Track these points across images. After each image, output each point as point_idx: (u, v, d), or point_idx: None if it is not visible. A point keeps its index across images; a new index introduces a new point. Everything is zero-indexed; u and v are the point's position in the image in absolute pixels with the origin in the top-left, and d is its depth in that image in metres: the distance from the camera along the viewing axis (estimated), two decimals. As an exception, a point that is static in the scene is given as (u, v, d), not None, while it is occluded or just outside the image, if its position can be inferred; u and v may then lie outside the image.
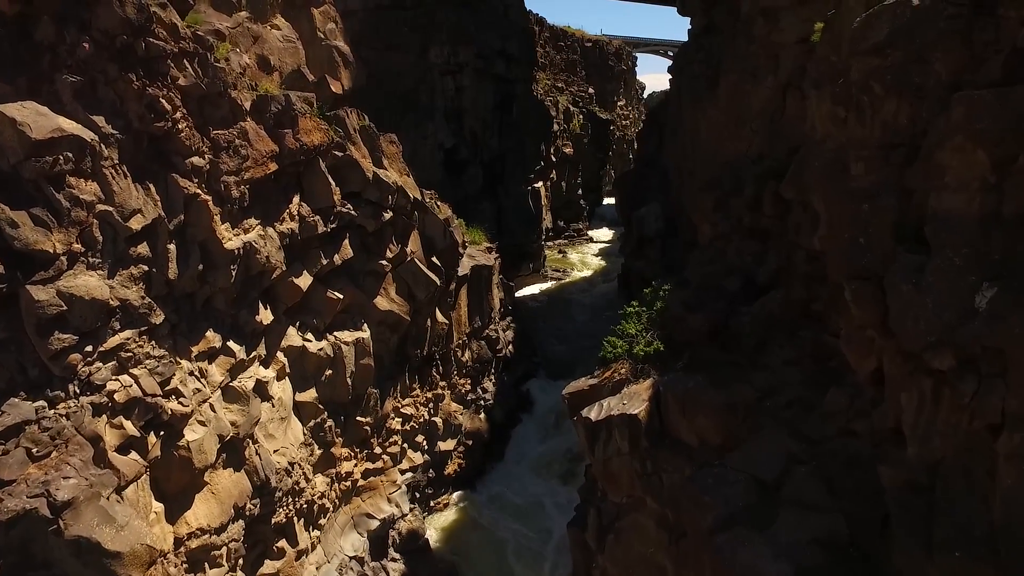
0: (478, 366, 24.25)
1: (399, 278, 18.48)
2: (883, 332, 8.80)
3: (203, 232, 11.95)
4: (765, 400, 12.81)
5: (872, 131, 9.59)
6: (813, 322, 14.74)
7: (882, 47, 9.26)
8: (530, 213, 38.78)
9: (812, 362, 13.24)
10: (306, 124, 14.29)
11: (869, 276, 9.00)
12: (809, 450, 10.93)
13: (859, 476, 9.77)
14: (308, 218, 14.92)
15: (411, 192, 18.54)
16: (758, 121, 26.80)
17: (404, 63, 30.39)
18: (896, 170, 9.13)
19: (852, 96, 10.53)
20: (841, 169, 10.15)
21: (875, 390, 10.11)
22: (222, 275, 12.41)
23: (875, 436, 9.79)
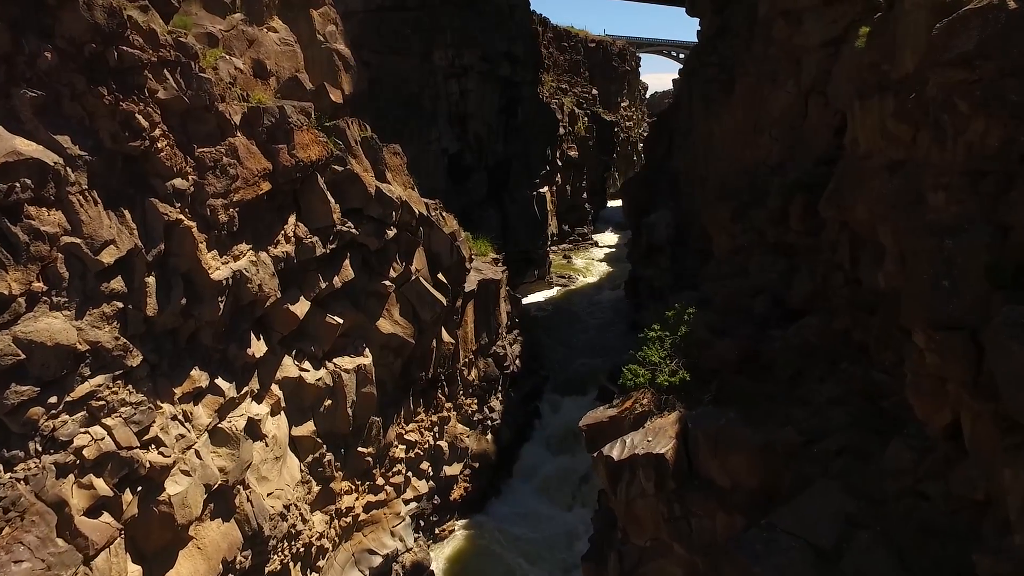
0: (485, 384, 22.90)
1: (403, 299, 17.12)
2: (974, 391, 7.46)
3: (187, 262, 10.57)
4: (811, 445, 11.44)
5: (954, 155, 8.19)
6: (855, 352, 13.39)
7: (970, 58, 7.86)
8: (536, 219, 37.41)
9: (861, 400, 11.88)
10: (303, 137, 12.91)
11: (957, 326, 7.65)
12: (870, 511, 9.57)
13: (936, 550, 8.42)
14: (305, 239, 13.54)
15: (416, 207, 17.15)
16: (777, 128, 25.39)
17: (407, 66, 28.98)
18: (987, 201, 7.74)
19: (927, 113, 9.12)
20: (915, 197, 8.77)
21: (950, 447, 8.79)
22: (208, 308, 11.03)
23: (953, 503, 8.46)
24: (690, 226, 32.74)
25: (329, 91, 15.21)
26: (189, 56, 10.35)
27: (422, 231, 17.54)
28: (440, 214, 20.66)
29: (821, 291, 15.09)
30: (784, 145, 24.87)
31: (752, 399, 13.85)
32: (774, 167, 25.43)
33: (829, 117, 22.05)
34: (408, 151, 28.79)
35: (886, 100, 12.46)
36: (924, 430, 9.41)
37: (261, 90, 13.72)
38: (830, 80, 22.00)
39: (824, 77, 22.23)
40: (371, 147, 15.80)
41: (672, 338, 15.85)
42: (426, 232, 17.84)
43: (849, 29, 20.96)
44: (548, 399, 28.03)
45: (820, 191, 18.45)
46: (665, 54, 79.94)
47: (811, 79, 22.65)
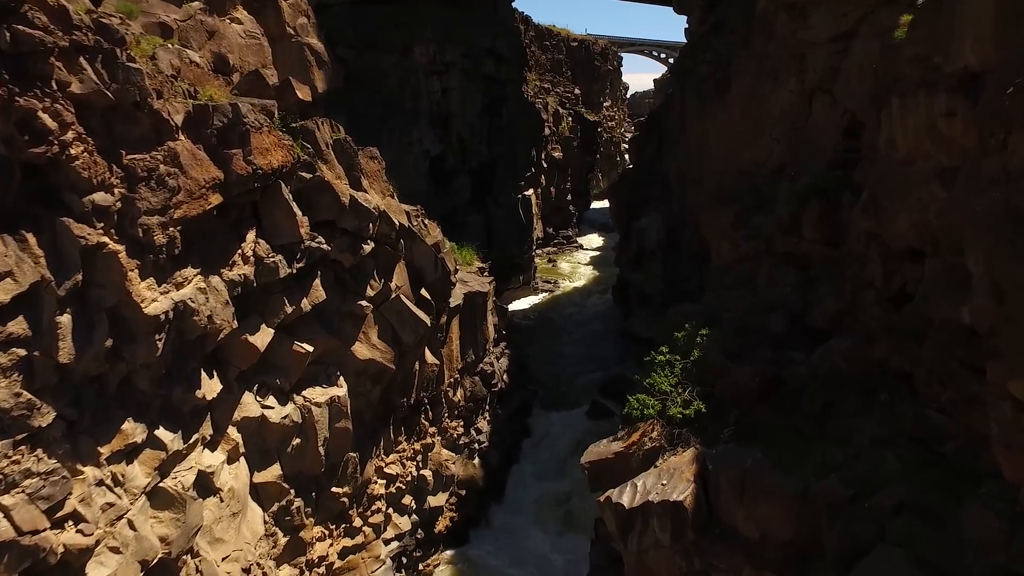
0: (471, 405, 20.95)
1: (382, 320, 15.11)
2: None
3: (113, 294, 8.49)
4: (861, 498, 9.68)
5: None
6: (896, 383, 11.66)
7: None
8: (521, 223, 35.49)
9: (914, 444, 10.15)
10: (263, 140, 10.85)
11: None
12: (949, 593, 7.87)
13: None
14: (267, 258, 11.48)
15: (396, 217, 15.14)
16: (778, 128, 23.66)
17: (386, 63, 26.87)
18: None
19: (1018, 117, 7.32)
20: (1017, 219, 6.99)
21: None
22: (143, 347, 8.96)
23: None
24: (682, 230, 31.04)
25: (296, 87, 13.13)
26: (113, 42, 8.25)
27: (403, 244, 15.54)
28: (422, 222, 18.67)
29: (849, 310, 13.35)
30: (786, 146, 23.19)
31: (778, 435, 12.07)
32: (775, 169, 23.73)
33: (837, 117, 20.37)
34: (387, 154, 26.67)
35: (936, 97, 10.73)
36: (1012, 492, 7.72)
37: (215, 86, 11.62)
38: (838, 78, 20.35)
39: (831, 75, 20.52)
40: (344, 151, 13.77)
41: (683, 363, 14.03)
42: (407, 245, 15.84)
43: (861, 23, 19.28)
44: (537, 415, 26.15)
45: (836, 198, 16.77)
46: (647, 54, 78.40)
47: (817, 77, 20.95)
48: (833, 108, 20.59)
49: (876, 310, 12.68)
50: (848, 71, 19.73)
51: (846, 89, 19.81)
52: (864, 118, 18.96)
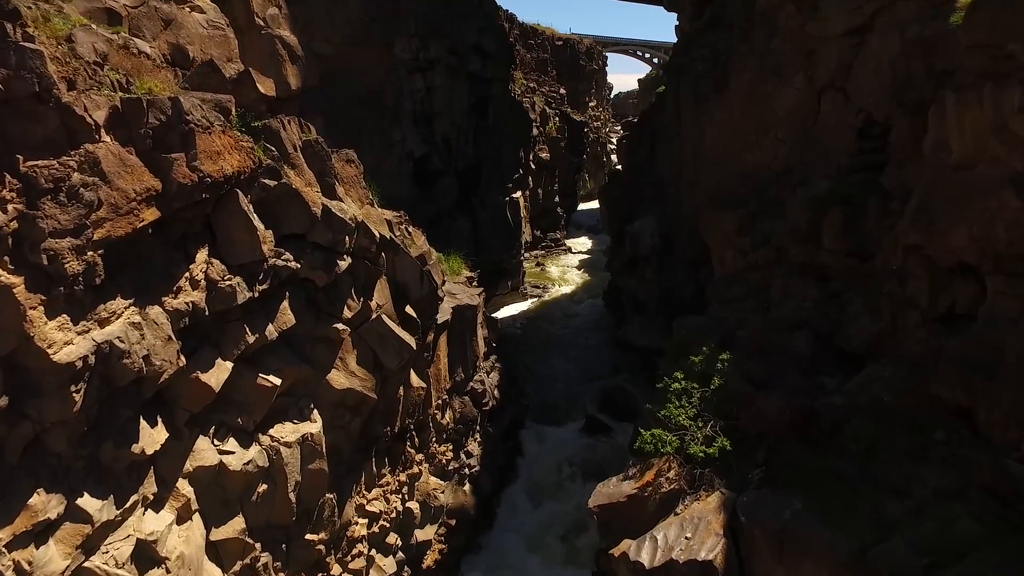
0: (461, 427, 19.08)
1: (362, 343, 13.20)
2: None
3: (8, 338, 6.55)
4: (936, 570, 8.01)
5: None
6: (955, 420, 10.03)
7: None
8: (509, 226, 33.67)
9: (990, 500, 8.52)
10: (213, 142, 8.91)
11: None
12: None
13: None
14: (222, 282, 9.55)
15: (376, 228, 13.23)
16: (784, 128, 22.04)
17: (365, 59, 24.85)
18: None
19: None
20: None
21: None
22: (55, 402, 7.01)
23: None
24: (678, 234, 29.38)
25: (258, 81, 11.18)
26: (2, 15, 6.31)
27: (384, 258, 13.64)
28: (406, 230, 16.79)
29: (889, 333, 11.71)
30: (792, 148, 21.58)
31: (818, 480, 10.36)
32: (780, 172, 22.10)
33: (850, 117, 18.76)
34: (368, 155, 24.69)
35: (1007, 91, 9.08)
36: None
37: (158, 78, 9.65)
38: (851, 74, 18.75)
39: (844, 71, 18.90)
40: (316, 154, 11.84)
41: (701, 391, 12.28)
42: (389, 259, 13.95)
43: (877, 16, 17.65)
44: (530, 431, 24.32)
45: (860, 205, 15.16)
46: (631, 53, 76.79)
47: (828, 73, 19.32)
48: (845, 107, 18.98)
49: (921, 333, 11.03)
50: (863, 67, 18.15)
51: (861, 87, 18.24)
52: (882, 117, 17.40)
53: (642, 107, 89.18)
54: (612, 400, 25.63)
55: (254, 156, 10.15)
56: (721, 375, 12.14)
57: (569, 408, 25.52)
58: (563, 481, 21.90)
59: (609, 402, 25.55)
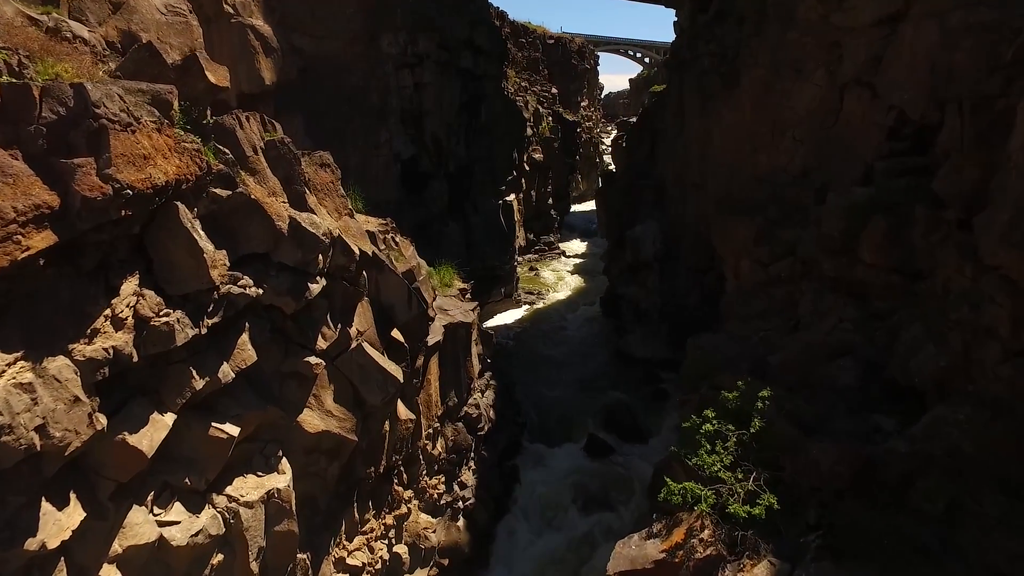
0: (454, 457, 17.07)
1: (339, 377, 11.17)
2: None
3: None
4: None
5: None
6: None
7: None
8: (502, 231, 31.67)
9: None
10: (137, 143, 6.85)
11: None
12: None
13: None
14: (157, 318, 7.49)
15: (356, 243, 11.18)
16: (802, 128, 20.15)
17: (349, 53, 22.76)
18: None
19: None
20: None
21: None
22: None
23: None
24: (681, 240, 27.50)
25: (208, 68, 9.09)
26: None
27: (366, 277, 11.59)
28: (392, 239, 14.77)
29: (962, 368, 9.83)
30: (811, 148, 19.71)
31: (890, 549, 8.47)
32: (797, 176, 20.27)
33: (879, 115, 16.88)
34: (352, 157, 22.60)
35: None
36: None
37: (77, 62, 7.56)
38: (881, 68, 16.90)
39: (872, 65, 17.00)
40: (282, 157, 9.78)
41: (737, 434, 10.34)
42: (372, 278, 11.92)
43: (912, 3, 15.85)
44: (528, 453, 22.32)
45: (905, 213, 13.30)
46: (623, 53, 74.91)
47: (854, 68, 17.41)
48: (873, 104, 17.09)
49: (1005, 369, 9.12)
50: (896, 60, 16.29)
51: (892, 82, 16.39)
52: (917, 115, 15.56)
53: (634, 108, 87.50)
54: (614, 418, 23.72)
55: (201, 160, 8.09)
56: (761, 415, 10.22)
57: (569, 426, 23.56)
58: (564, 509, 19.94)
59: (611, 420, 23.63)
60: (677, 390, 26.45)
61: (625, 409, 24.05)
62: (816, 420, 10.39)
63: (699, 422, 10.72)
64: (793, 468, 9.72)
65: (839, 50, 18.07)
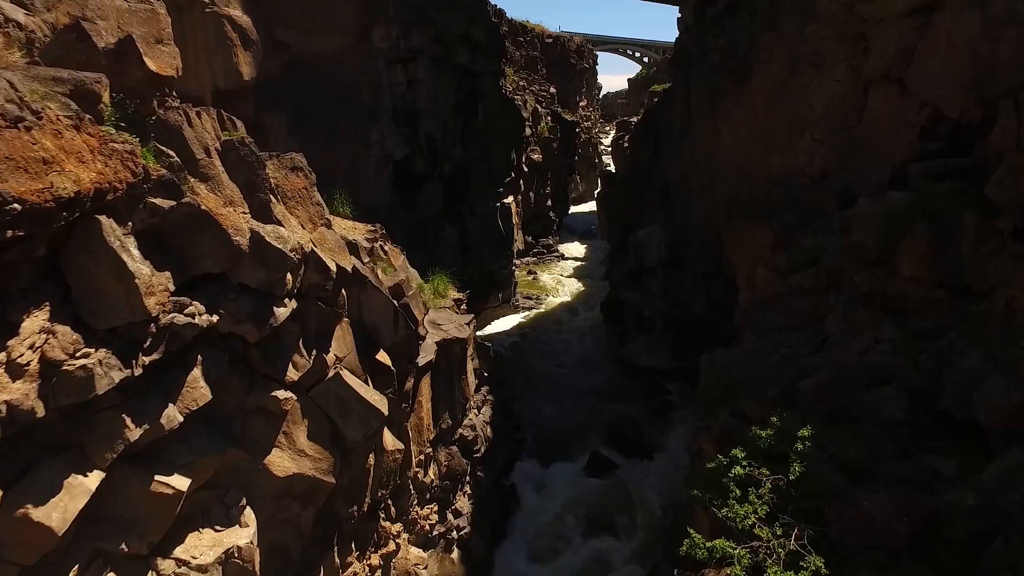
0: (448, 483, 15.56)
1: (314, 411, 9.65)
2: None
3: None
4: None
5: None
6: None
7: None
8: (500, 234, 30.14)
9: None
10: (32, 144, 5.33)
11: None
12: None
13: None
14: (71, 361, 5.97)
15: (333, 258, 9.65)
16: (822, 127, 18.65)
17: (338, 48, 21.20)
18: None
19: None
20: None
21: None
22: None
23: None
24: (686, 244, 26.00)
25: (147, 55, 7.55)
26: None
27: (345, 296, 10.07)
28: (381, 248, 13.26)
29: (1035, 406, 8.36)
30: (832, 149, 18.23)
31: (965, 633, 6.99)
32: (816, 178, 18.79)
33: (910, 112, 15.42)
34: (342, 158, 21.03)
35: None
36: None
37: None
38: (913, 63, 15.40)
39: (903, 59, 15.50)
40: (242, 159, 8.24)
41: (773, 479, 8.84)
42: (353, 296, 10.38)
43: (949, -11, 14.34)
44: (527, 472, 20.82)
45: (951, 221, 11.80)
46: (621, 52, 73.32)
47: (883, 62, 15.89)
48: (902, 101, 15.59)
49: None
50: (930, 53, 14.79)
51: (926, 77, 14.90)
52: (955, 113, 14.08)
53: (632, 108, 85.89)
54: (618, 433, 22.23)
55: (136, 164, 6.57)
56: (801, 458, 8.72)
57: (570, 442, 22.06)
58: (566, 535, 18.46)
59: (615, 435, 22.14)
60: (684, 402, 25.08)
61: (629, 423, 22.56)
62: (862, 461, 8.88)
63: (726, 463, 9.22)
64: (841, 523, 8.22)
65: (864, 43, 16.58)
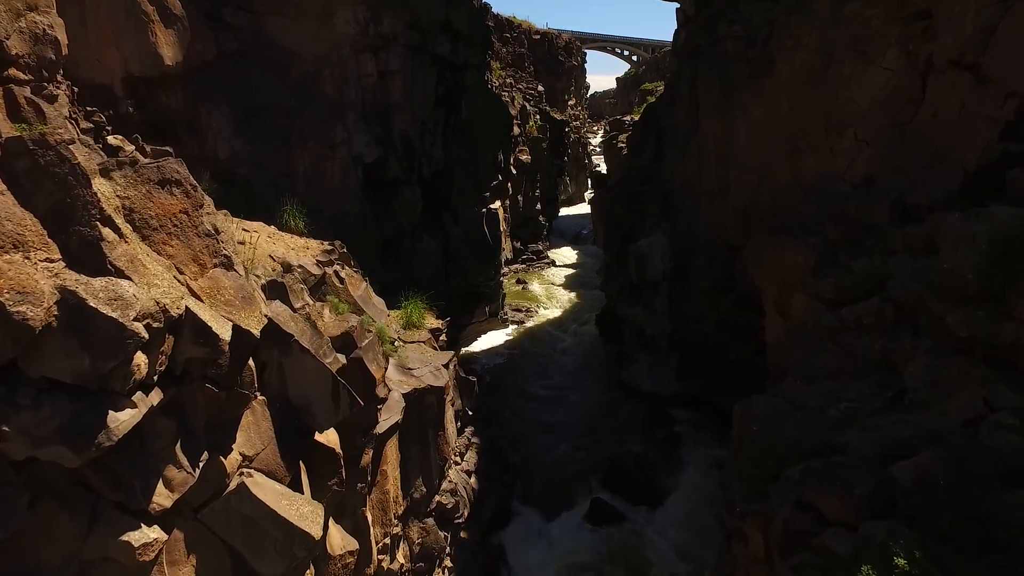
0: (422, 565, 12.19)
1: (205, 543, 6.24)
2: None
3: None
4: None
5: None
6: None
7: None
8: (486, 242, 26.74)
9: None
10: None
11: None
12: None
13: None
14: None
15: (229, 317, 6.26)
16: (867, 125, 15.46)
17: (298, 33, 17.64)
18: None
19: None
20: None
21: None
22: None
23: None
24: (692, 255, 22.78)
25: None
26: None
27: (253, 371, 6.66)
28: (336, 275, 9.92)
29: None
30: (880, 150, 15.03)
31: None
32: (860, 184, 15.61)
33: (988, 105, 12.26)
34: (301, 161, 17.47)
35: None
36: None
37: None
38: (992, 44, 12.25)
39: (980, 40, 12.39)
40: (48, 171, 4.80)
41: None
42: (273, 363, 6.98)
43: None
44: (519, 522, 17.47)
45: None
46: (610, 50, 70.01)
47: (952, 44, 12.65)
48: (978, 91, 12.38)
49: None
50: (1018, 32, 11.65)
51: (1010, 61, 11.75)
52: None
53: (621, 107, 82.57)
54: (622, 473, 18.93)
55: None
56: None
57: (567, 485, 18.74)
58: (567, 605, 15.18)
59: (618, 476, 18.84)
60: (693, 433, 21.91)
61: (634, 462, 19.27)
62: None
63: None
64: None
65: (923, 23, 13.37)
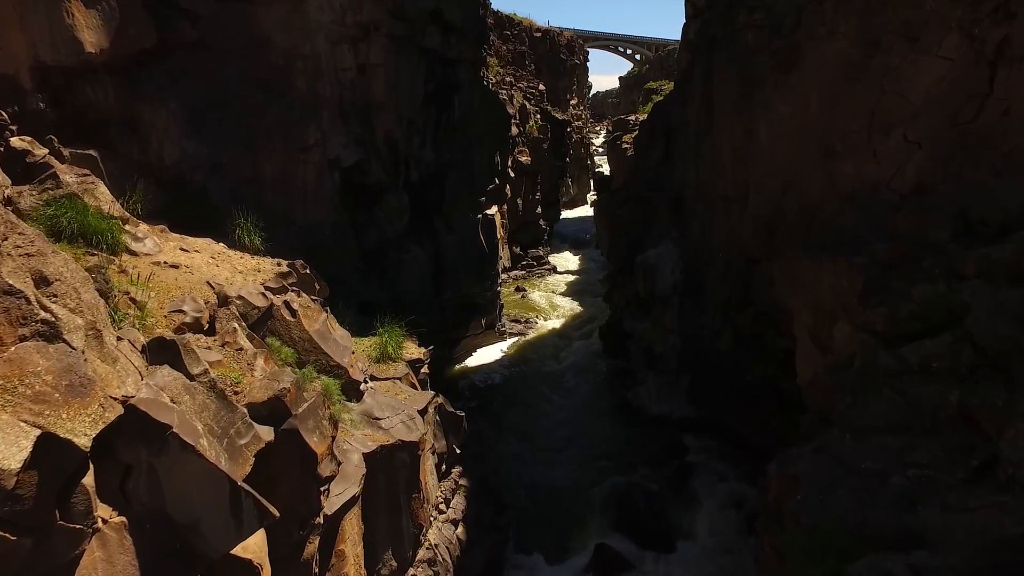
0: (394, 654, 9.94)
1: None
2: None
3: None
4: None
5: None
6: None
7: None
8: (482, 251, 24.47)
9: None
10: None
11: None
12: None
13: None
14: None
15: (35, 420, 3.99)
16: (919, 124, 13.10)
17: (266, 21, 15.29)
18: None
19: None
20: None
21: None
22: None
23: None
24: (706, 267, 20.47)
25: None
26: None
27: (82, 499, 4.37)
28: (286, 306, 7.65)
29: None
30: (934, 153, 12.65)
31: None
32: (910, 193, 13.25)
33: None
34: (268, 164, 15.05)
35: None
36: None
37: None
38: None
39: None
40: None
41: None
42: (143, 465, 4.70)
43: None
44: (515, 573, 15.24)
45: None
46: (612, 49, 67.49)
47: (1033, 23, 10.33)
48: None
49: None
50: None
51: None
52: None
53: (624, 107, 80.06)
54: (630, 510, 16.66)
55: None
56: None
57: (567, 528, 16.46)
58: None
59: (626, 514, 16.56)
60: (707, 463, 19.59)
61: (643, 499, 17.02)
62: None
63: None
64: None
65: (992, 2, 11.02)
